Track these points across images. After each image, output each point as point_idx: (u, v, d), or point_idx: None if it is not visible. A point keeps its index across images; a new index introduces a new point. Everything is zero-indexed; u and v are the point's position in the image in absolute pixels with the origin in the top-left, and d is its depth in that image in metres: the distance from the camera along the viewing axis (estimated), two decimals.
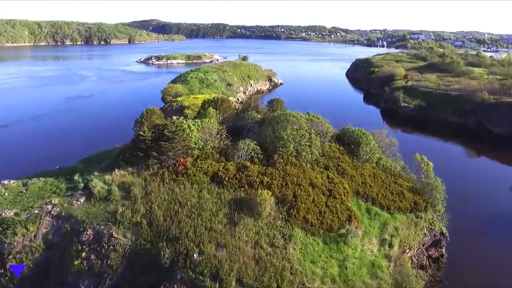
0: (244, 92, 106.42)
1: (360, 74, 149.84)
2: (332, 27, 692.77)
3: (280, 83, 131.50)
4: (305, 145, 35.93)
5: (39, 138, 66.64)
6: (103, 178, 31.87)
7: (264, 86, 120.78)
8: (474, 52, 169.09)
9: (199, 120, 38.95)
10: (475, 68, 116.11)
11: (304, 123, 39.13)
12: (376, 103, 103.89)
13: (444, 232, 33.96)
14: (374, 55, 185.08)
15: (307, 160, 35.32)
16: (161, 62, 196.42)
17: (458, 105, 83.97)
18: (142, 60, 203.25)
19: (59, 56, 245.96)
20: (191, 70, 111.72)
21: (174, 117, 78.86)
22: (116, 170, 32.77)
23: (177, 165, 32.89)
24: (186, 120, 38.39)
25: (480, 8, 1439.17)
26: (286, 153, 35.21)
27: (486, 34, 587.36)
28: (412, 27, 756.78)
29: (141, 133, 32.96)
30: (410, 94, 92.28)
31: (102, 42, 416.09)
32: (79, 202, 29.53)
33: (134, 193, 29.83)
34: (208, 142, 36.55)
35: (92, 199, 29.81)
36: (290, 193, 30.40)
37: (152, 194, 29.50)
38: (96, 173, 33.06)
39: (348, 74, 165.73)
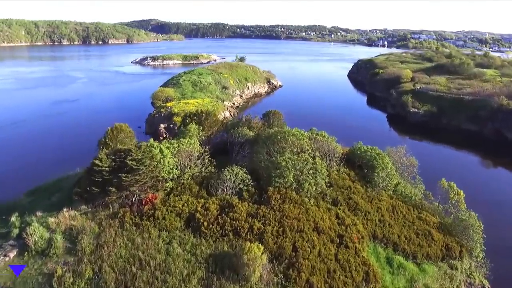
0: (241, 96, 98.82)
1: (363, 76, 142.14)
2: (332, 27, 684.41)
3: (279, 85, 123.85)
4: (308, 173, 28.35)
5: None
6: (46, 221, 24.34)
7: (262, 88, 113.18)
8: (481, 53, 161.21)
9: (175, 141, 31.31)
10: (486, 70, 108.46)
11: (307, 143, 31.52)
12: (382, 107, 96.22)
13: (486, 287, 26.43)
14: (377, 56, 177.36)
15: (310, 194, 27.78)
16: (156, 63, 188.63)
17: (473, 111, 76.31)
18: (137, 60, 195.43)
19: (54, 56, 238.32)
20: (184, 72, 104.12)
21: (162, 125, 72.08)
22: (65, 209, 25.23)
23: (142, 204, 25.34)
24: (159, 142, 30.77)
25: (481, 8, 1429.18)
26: (284, 184, 27.64)
27: (487, 34, 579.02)
28: (412, 27, 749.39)
29: (96, 162, 25.34)
30: (419, 99, 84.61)
31: (100, 42, 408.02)
32: (7, 258, 21.99)
33: (82, 245, 22.29)
34: (187, 170, 29.00)
35: (27, 253, 22.28)
36: (288, 244, 22.83)
37: (105, 248, 21.94)
38: (39, 213, 25.54)
39: (350, 75, 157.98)
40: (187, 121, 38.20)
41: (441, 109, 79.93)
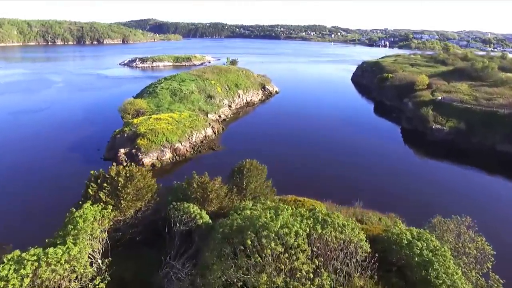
0: (230, 106, 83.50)
1: (369, 80, 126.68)
2: (332, 27, 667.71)
3: (276, 91, 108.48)
4: None
5: None
6: None
7: (256, 96, 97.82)
8: (496, 54, 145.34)
9: (42, 251, 15.74)
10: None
11: (302, 243, 16.04)
12: (395, 119, 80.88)
13: None
14: (382, 57, 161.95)
15: None
16: (145, 65, 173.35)
17: (511, 129, 61.17)
18: (125, 62, 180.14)
19: (39, 57, 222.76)
20: (165, 78, 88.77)
21: (122, 150, 56.58)
22: None
23: None
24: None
25: (481, 8, 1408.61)
26: None
27: (489, 34, 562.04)
28: (413, 27, 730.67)
29: None
30: (441, 111, 69.33)
31: (95, 42, 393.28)
32: None
33: None
34: None
35: None
36: None
37: None
38: None
39: (354, 79, 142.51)
40: (88, 192, 21.02)
41: (470, 125, 64.64)
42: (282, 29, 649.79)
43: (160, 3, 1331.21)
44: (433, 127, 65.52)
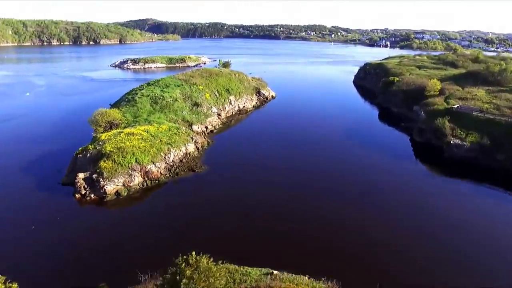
0: (219, 115, 73.91)
1: (373, 83, 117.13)
2: (332, 27, 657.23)
3: (272, 96, 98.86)
4: None
5: None
6: None
7: (250, 102, 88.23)
8: (509, 55, 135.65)
9: None
10: None
11: None
12: (404, 130, 71.34)
13: None
14: (385, 58, 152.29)
15: None
16: (137, 67, 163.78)
17: None
18: (116, 64, 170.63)
19: (27, 58, 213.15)
20: (148, 83, 79.23)
21: (81, 174, 46.22)
22: None
23: None
24: None
25: (482, 8, 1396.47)
26: None
27: (490, 34, 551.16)
28: (413, 27, 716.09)
29: None
30: (459, 123, 59.71)
31: (91, 42, 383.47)
32: None
33: None
34: None
35: None
36: None
37: None
38: None
39: (356, 82, 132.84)
40: None
41: (495, 139, 54.98)
42: (281, 29, 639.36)
43: (159, 3, 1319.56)
44: (451, 142, 55.85)
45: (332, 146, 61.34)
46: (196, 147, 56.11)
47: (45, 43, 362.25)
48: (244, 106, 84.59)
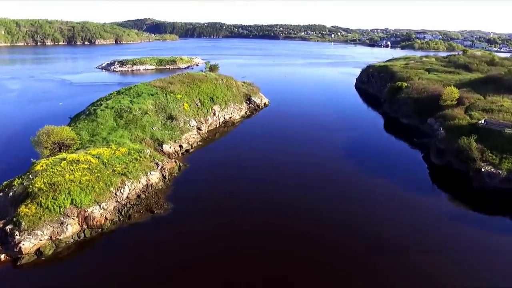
0: (199, 129, 62.09)
1: (377, 88, 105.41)
2: (332, 26, 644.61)
3: (264, 104, 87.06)
4: None
5: None
6: None
7: (238, 111, 76.44)
8: None
9: None
10: None
11: None
12: (417, 146, 59.61)
13: None
14: (389, 60, 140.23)
15: None
16: (124, 69, 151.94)
17: None
18: (103, 66, 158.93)
19: (9, 59, 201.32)
20: (117, 92, 67.55)
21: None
22: None
23: None
24: None
25: (482, 8, 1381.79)
26: None
27: (492, 34, 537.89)
28: (414, 27, 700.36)
29: None
30: (489, 143, 47.90)
31: (86, 43, 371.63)
32: None
33: None
34: None
35: None
36: None
37: None
38: None
39: (359, 86, 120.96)
40: None
41: None
42: (281, 29, 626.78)
43: (159, 3, 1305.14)
44: (482, 169, 44.04)
45: (333, 171, 49.56)
46: (162, 175, 44.42)
47: (38, 43, 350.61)
48: (230, 117, 72.79)
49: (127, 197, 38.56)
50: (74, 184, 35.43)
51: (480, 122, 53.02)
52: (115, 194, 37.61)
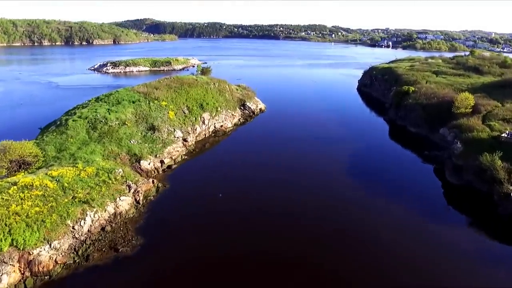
0: (185, 140, 55.33)
1: (381, 92, 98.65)
2: (332, 26, 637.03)
3: (260, 109, 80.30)
4: None
5: None
6: None
7: (230, 119, 69.68)
8: None
9: None
10: None
11: None
12: (428, 160, 52.82)
13: None
14: (392, 61, 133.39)
15: None
16: (117, 70, 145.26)
17: None
18: (95, 67, 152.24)
19: (5, 60, 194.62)
20: (96, 98, 60.71)
21: None
22: None
23: None
24: None
25: (483, 7, 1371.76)
26: None
27: (493, 34, 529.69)
28: (414, 26, 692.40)
29: None
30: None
31: (84, 43, 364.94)
32: None
33: None
34: None
35: None
36: None
37: None
38: None
39: (361, 89, 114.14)
40: None
41: None
42: (281, 29, 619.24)
43: (158, 3, 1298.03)
44: (511, 194, 37.25)
45: (333, 192, 42.86)
46: (135, 200, 37.71)
47: (35, 44, 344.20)
48: (222, 125, 66.01)
49: (88, 230, 31.87)
50: (18, 219, 28.77)
51: (503, 135, 46.18)
52: (73, 228, 30.93)
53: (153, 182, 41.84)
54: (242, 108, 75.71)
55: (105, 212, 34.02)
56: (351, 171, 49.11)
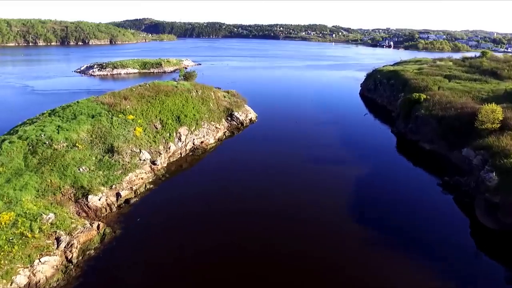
0: (153, 163, 45.17)
1: (385, 98, 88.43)
2: (333, 26, 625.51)
3: (251, 119, 70.12)
4: None
5: None
6: None
7: (214, 133, 59.52)
8: None
9: None
10: None
11: None
12: (450, 191, 42.62)
13: None
14: (397, 63, 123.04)
15: None
16: (103, 73, 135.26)
17: None
18: (81, 69, 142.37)
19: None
20: (51, 111, 50.43)
21: None
22: None
23: None
24: None
25: (484, 7, 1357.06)
26: None
27: (495, 33, 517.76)
28: (415, 26, 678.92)
29: None
30: None
31: (80, 43, 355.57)
32: None
33: None
34: None
35: None
36: None
37: None
38: None
39: (364, 93, 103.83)
40: None
41: None
42: (281, 28, 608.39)
43: (157, 3, 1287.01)
44: None
45: (333, 229, 32.79)
46: (66, 258, 27.66)
47: (30, 44, 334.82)
48: (202, 141, 55.83)
49: None
50: None
51: None
52: None
53: (98, 228, 31.74)
54: (229, 119, 65.58)
55: (11, 285, 23.97)
56: (354, 211, 38.85)
